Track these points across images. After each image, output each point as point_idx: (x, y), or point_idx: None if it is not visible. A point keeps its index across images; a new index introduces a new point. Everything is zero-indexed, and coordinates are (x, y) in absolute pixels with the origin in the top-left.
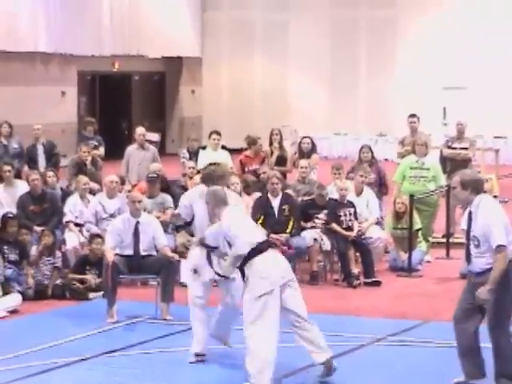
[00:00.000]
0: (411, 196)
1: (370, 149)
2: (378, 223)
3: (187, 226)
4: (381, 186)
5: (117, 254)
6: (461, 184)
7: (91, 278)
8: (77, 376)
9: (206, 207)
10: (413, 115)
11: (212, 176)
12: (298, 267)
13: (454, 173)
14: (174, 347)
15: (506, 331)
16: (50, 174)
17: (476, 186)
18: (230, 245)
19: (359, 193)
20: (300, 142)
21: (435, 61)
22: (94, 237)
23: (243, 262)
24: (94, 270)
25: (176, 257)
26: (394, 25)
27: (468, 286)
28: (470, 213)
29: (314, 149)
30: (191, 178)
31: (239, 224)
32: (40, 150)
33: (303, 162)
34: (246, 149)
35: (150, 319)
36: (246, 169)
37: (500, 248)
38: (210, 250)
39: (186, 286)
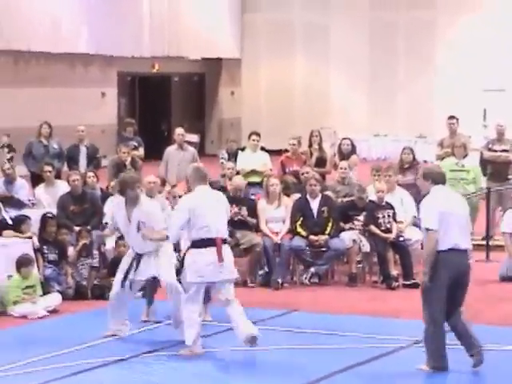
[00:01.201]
0: None
1: (412, 150)
2: (416, 224)
3: None
4: None
5: None
6: (423, 175)
7: None
8: (115, 376)
9: (126, 216)
10: (452, 117)
11: (126, 183)
12: (337, 268)
13: (494, 175)
14: (213, 347)
15: (435, 320)
16: (90, 174)
17: (435, 178)
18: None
19: (390, 190)
20: (340, 144)
21: (475, 63)
22: (118, 240)
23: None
24: None
25: None
26: (434, 27)
27: None
28: None
29: (353, 150)
30: (230, 178)
31: (195, 211)
32: (83, 151)
33: (343, 164)
34: (286, 150)
35: None
36: (287, 170)
37: (427, 231)
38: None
39: None
